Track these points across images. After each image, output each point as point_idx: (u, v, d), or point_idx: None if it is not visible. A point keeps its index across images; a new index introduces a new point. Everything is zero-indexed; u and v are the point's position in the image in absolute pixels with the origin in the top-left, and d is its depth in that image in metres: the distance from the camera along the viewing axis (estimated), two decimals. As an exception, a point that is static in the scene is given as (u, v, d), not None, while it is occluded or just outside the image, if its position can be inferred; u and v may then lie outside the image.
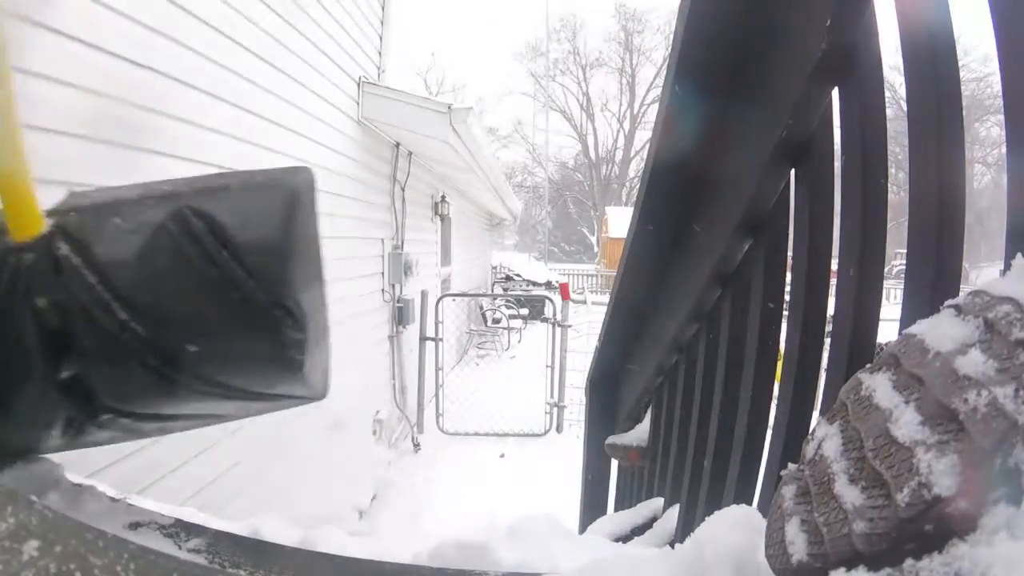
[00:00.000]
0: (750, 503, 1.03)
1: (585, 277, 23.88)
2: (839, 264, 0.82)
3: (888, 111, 0.81)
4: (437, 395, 6.83)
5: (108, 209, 0.56)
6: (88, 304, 0.53)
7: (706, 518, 0.55)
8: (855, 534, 0.35)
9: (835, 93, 0.84)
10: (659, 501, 1.74)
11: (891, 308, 0.88)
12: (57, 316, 0.54)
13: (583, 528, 2.02)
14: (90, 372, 0.54)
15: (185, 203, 0.54)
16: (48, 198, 1.57)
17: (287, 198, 0.55)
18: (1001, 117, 0.58)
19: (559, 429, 6.88)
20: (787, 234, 1.05)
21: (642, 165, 1.43)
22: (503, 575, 0.56)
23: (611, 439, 1.96)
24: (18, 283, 0.54)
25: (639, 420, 2.01)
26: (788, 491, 0.45)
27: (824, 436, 0.44)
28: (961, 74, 0.67)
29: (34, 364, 0.54)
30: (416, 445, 6.25)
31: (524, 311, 12.22)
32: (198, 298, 0.53)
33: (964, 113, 0.67)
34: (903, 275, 0.70)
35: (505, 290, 15.00)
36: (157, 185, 0.58)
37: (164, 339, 0.54)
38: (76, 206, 0.57)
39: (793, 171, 0.97)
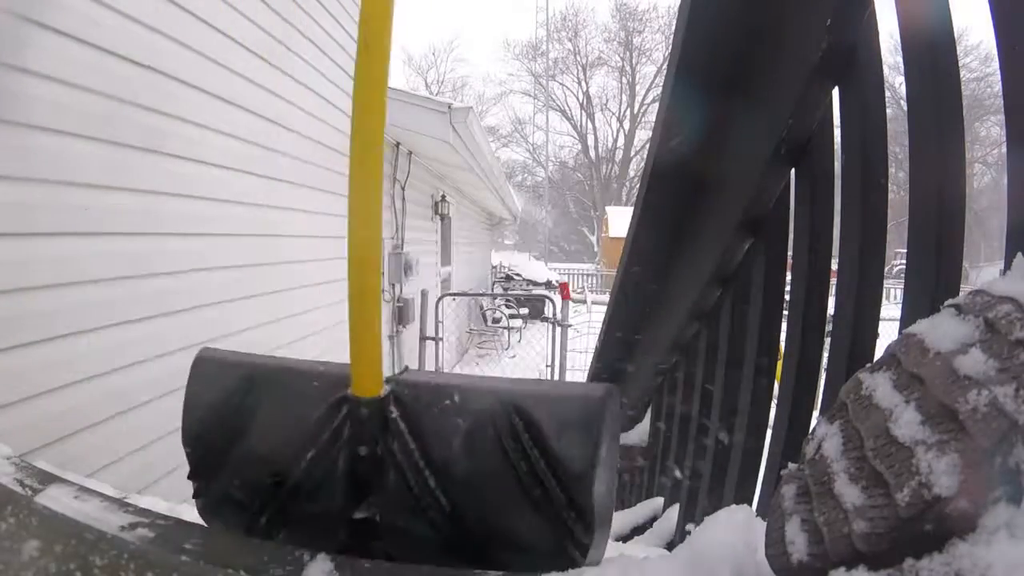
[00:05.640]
0: (750, 503, 1.04)
1: (585, 277, 23.87)
2: (839, 264, 0.82)
3: (888, 111, 0.81)
4: (437, 395, 6.81)
5: (440, 392, 0.63)
6: (403, 464, 0.61)
7: (706, 518, 0.55)
8: (855, 534, 0.35)
9: (835, 93, 0.84)
10: (659, 501, 1.74)
11: (891, 308, 0.88)
12: (371, 468, 0.61)
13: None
14: (383, 520, 0.61)
15: (510, 400, 0.60)
16: (49, 197, 1.54)
17: (594, 412, 0.59)
18: (1001, 117, 0.58)
19: (559, 429, 6.85)
20: (787, 234, 1.05)
21: (642, 165, 1.43)
22: (502, 575, 0.56)
23: (611, 439, 1.96)
24: (347, 429, 0.62)
25: (639, 420, 2.02)
26: (788, 491, 0.45)
27: (824, 436, 0.44)
28: (961, 74, 0.67)
29: (335, 497, 0.62)
30: (416, 445, 6.24)
31: (524, 311, 12.22)
32: (503, 486, 0.59)
33: (964, 113, 0.67)
34: (903, 275, 0.70)
35: (505, 290, 14.99)
36: (484, 379, 0.67)
37: (462, 512, 0.60)
38: (412, 382, 0.64)
39: (793, 171, 0.97)
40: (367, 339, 0.61)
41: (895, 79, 12.27)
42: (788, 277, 1.04)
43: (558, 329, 7.00)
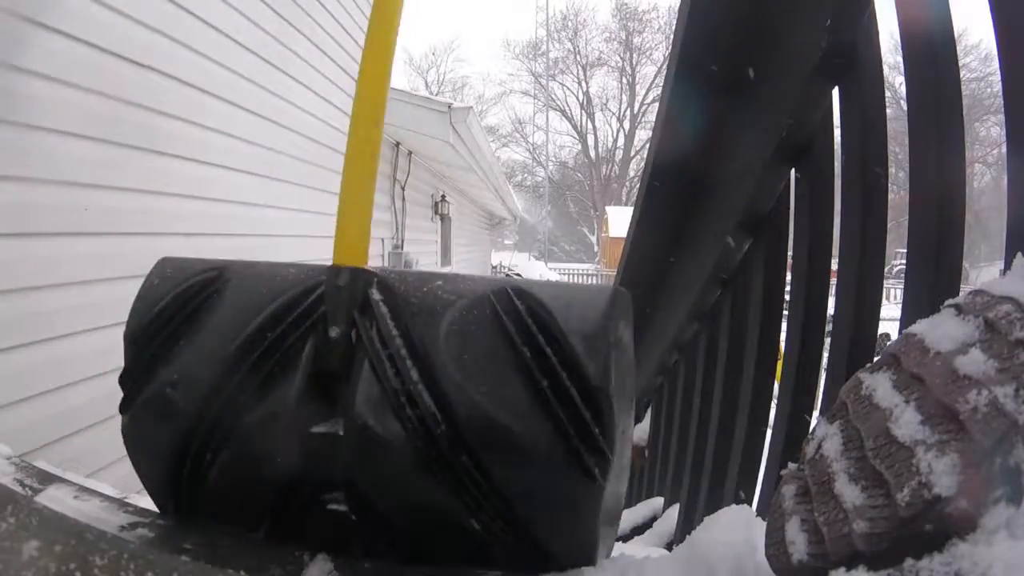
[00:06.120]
0: (750, 503, 1.04)
1: (585, 277, 23.85)
2: (839, 264, 0.82)
3: (888, 111, 0.81)
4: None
5: (432, 276, 0.54)
6: (380, 354, 0.50)
7: (706, 518, 0.55)
8: (855, 533, 0.35)
9: (835, 93, 0.84)
10: (659, 500, 1.74)
11: (891, 308, 0.88)
12: (341, 359, 0.51)
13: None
14: (346, 432, 0.50)
15: (509, 284, 0.52)
16: (49, 197, 1.54)
17: (609, 303, 0.50)
18: (1001, 117, 0.58)
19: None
20: (787, 234, 1.05)
21: (642, 165, 1.43)
22: (502, 575, 0.56)
23: (611, 439, 1.96)
24: (319, 311, 0.52)
25: (639, 420, 2.02)
26: (788, 491, 0.45)
27: (824, 436, 0.44)
28: (961, 74, 0.67)
29: (290, 402, 0.51)
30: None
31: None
32: (503, 376, 0.49)
33: (964, 113, 0.67)
34: (903, 275, 0.70)
35: (505, 290, 14.95)
36: (481, 276, 0.58)
37: (450, 411, 0.49)
38: (400, 271, 0.55)
39: (793, 171, 0.97)
40: (358, 205, 0.55)
41: (895, 79, 12.27)
42: (788, 277, 1.04)
43: (558, 329, 6.99)
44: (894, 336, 0.48)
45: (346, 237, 0.54)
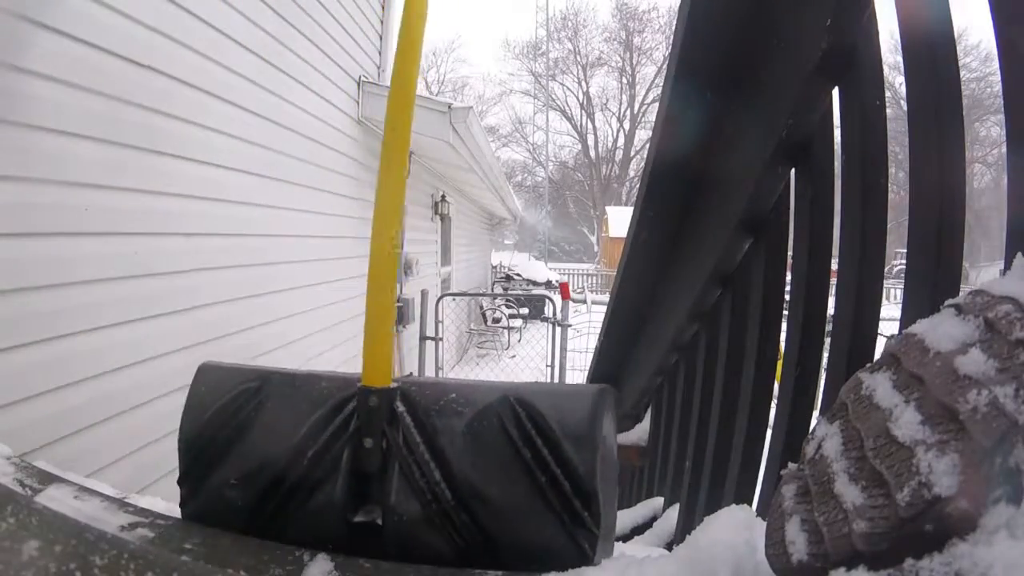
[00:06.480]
0: (750, 503, 1.04)
1: (585, 277, 23.86)
2: (839, 264, 0.82)
3: (888, 111, 0.80)
4: (437, 395, 6.81)
5: (445, 388, 0.65)
6: (408, 458, 0.61)
7: (706, 518, 0.55)
8: (855, 533, 0.35)
9: (835, 93, 0.84)
10: (659, 500, 1.74)
11: (891, 308, 0.88)
12: (376, 462, 0.62)
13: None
14: (385, 522, 0.61)
15: (511, 392, 0.62)
16: (49, 197, 1.55)
17: (594, 404, 0.61)
18: (1001, 117, 0.58)
19: (559, 429, 6.84)
20: (787, 234, 1.05)
21: (642, 164, 1.43)
22: (503, 574, 0.56)
23: (611, 439, 1.96)
24: (353, 423, 0.63)
25: (639, 420, 2.02)
26: (788, 491, 0.45)
27: (824, 436, 0.44)
28: (961, 74, 0.67)
29: (335, 497, 0.62)
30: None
31: (524, 311, 12.22)
32: (510, 475, 0.59)
33: (964, 113, 0.67)
34: (903, 275, 0.70)
35: (505, 289, 14.99)
36: (482, 381, 0.68)
37: (468, 506, 0.60)
38: (417, 382, 0.66)
39: (793, 171, 0.97)
40: (380, 334, 0.64)
41: (895, 79, 12.27)
42: (788, 277, 1.04)
43: (558, 329, 7.00)
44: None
45: (374, 361, 0.64)
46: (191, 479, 0.67)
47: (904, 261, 0.70)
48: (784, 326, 1.01)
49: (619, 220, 23.80)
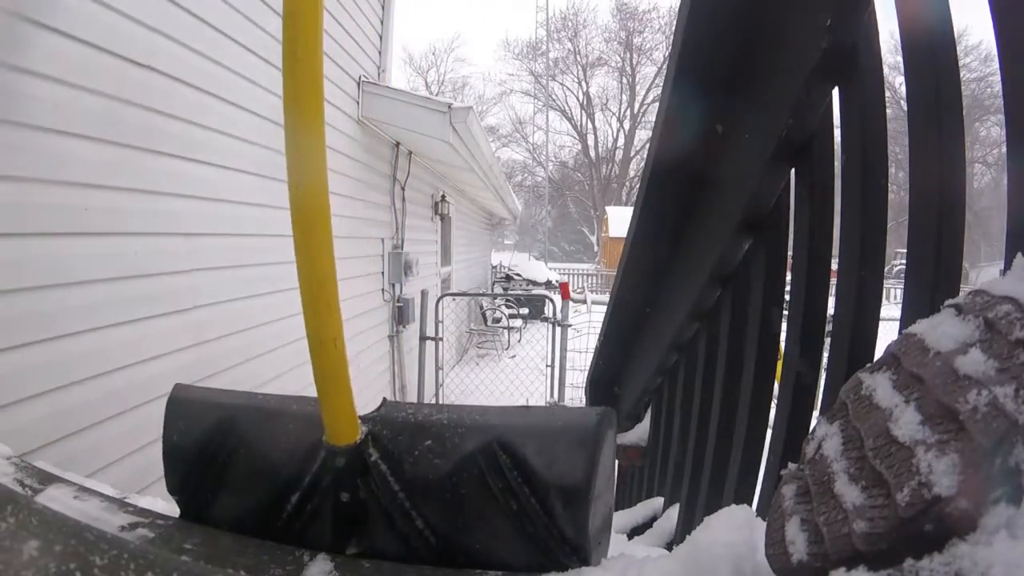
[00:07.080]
0: (750, 503, 1.04)
1: (585, 277, 23.85)
2: (839, 264, 0.82)
3: (888, 111, 0.80)
4: (437, 394, 6.83)
5: (421, 431, 0.60)
6: (387, 507, 0.59)
7: (706, 518, 0.55)
8: (855, 533, 0.35)
9: (835, 93, 0.84)
10: (659, 500, 1.74)
11: (891, 308, 0.88)
12: (356, 511, 0.60)
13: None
14: (373, 554, 0.60)
15: (494, 437, 0.57)
16: (49, 197, 1.54)
17: (592, 445, 0.56)
18: (1001, 117, 0.58)
19: (559, 429, 6.84)
20: (787, 234, 1.05)
21: (642, 165, 1.43)
22: (503, 575, 0.56)
23: (611, 439, 1.96)
24: (325, 479, 0.61)
25: (639, 420, 2.01)
26: (788, 491, 0.45)
27: (824, 436, 0.44)
28: (961, 74, 0.67)
29: (324, 536, 0.61)
30: (416, 445, 6.22)
31: (524, 311, 12.21)
32: (494, 525, 0.57)
33: (964, 113, 0.67)
34: (903, 275, 0.70)
35: (505, 289, 14.99)
36: (469, 413, 0.62)
37: (453, 551, 0.58)
38: (390, 419, 0.62)
39: (793, 171, 0.97)
40: (334, 387, 0.57)
41: (895, 79, 12.27)
42: (788, 277, 1.04)
43: (558, 329, 6.99)
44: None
45: (334, 415, 0.59)
46: (190, 520, 0.67)
47: (904, 261, 0.70)
48: (784, 326, 1.01)
49: (619, 220, 23.79)
